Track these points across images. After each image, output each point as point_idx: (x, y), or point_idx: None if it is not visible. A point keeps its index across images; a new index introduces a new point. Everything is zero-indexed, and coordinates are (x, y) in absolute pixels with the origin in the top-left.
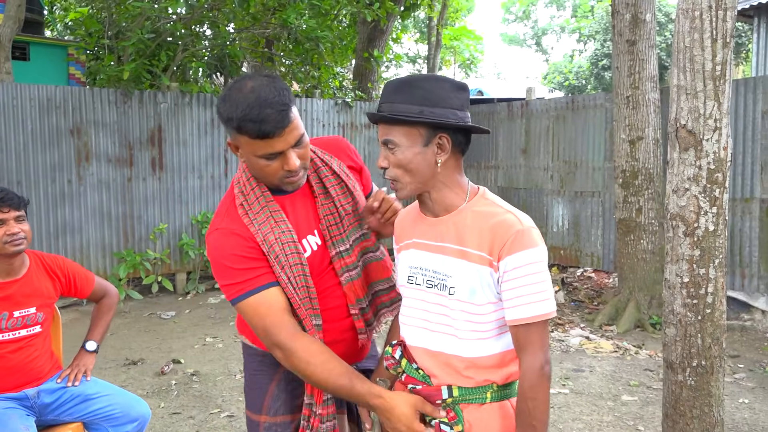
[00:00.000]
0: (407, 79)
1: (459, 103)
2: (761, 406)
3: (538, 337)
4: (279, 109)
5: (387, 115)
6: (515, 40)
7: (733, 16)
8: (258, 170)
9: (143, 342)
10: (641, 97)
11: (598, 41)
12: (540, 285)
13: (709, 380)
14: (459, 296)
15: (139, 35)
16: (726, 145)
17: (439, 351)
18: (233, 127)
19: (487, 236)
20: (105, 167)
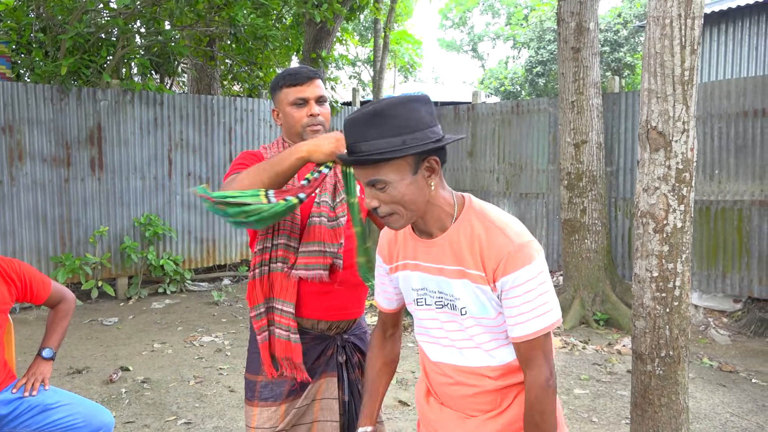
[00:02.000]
0: (375, 110)
1: (430, 118)
2: (701, 395)
3: (542, 350)
4: (309, 69)
5: (375, 157)
6: (452, 45)
7: (700, 25)
8: (289, 120)
9: (86, 350)
10: (585, 102)
11: (532, 48)
12: (541, 298)
13: (676, 369)
14: (472, 314)
15: (77, 29)
16: (693, 146)
17: (468, 365)
18: (278, 86)
19: (480, 256)
20: (40, 167)
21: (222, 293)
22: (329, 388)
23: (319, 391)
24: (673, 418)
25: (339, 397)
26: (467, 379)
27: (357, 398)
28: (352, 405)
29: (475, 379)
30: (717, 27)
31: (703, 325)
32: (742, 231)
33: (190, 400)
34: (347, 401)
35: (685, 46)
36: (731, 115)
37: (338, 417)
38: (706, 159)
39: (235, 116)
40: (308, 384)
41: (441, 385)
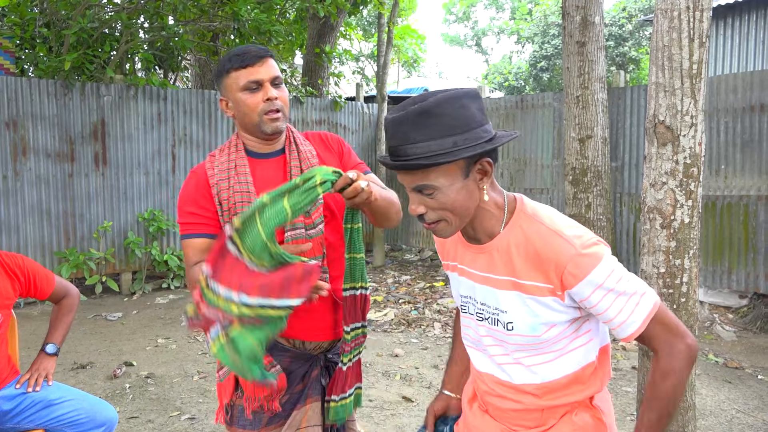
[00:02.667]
0: (421, 108)
1: (481, 116)
2: (707, 391)
3: (661, 332)
4: (258, 47)
5: (423, 162)
6: (456, 40)
7: (709, 17)
8: (242, 108)
9: (90, 345)
10: (590, 97)
11: (536, 43)
12: (626, 291)
13: None
14: (519, 331)
15: (81, 24)
16: (701, 141)
17: (509, 381)
18: (224, 71)
19: (540, 265)
20: (44, 162)
21: None
22: (314, 415)
23: (304, 419)
24: (679, 415)
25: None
26: (509, 394)
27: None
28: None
29: (517, 395)
30: (723, 20)
31: (708, 321)
32: (748, 226)
33: (194, 396)
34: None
35: (694, 39)
36: (738, 110)
37: None
38: (713, 154)
39: None
40: (293, 408)
41: (485, 394)
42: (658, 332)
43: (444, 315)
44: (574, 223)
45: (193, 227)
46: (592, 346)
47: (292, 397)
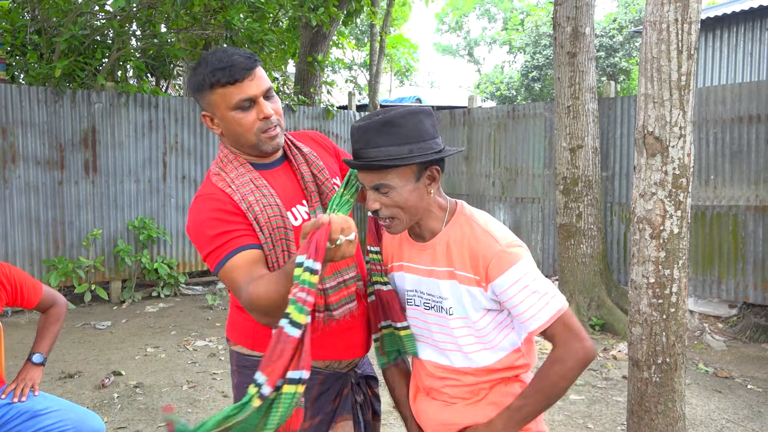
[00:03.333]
0: (385, 119)
1: (434, 130)
2: (697, 401)
3: (562, 330)
4: (245, 55)
5: (384, 163)
6: (448, 50)
7: (697, 30)
8: (235, 128)
9: (78, 354)
10: (581, 107)
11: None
12: (539, 290)
13: (672, 377)
14: (458, 314)
15: (72, 31)
16: (689, 151)
17: (449, 365)
18: (207, 85)
19: (469, 258)
20: (33, 170)
21: (216, 297)
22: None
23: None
24: (669, 425)
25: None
26: (449, 375)
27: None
28: None
29: (456, 376)
30: (712, 33)
31: (698, 331)
32: (737, 236)
33: (183, 405)
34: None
35: (682, 51)
36: (726, 121)
37: None
38: (702, 164)
39: None
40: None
41: (427, 379)
42: (560, 331)
43: None
44: (504, 227)
45: (234, 243)
46: (518, 336)
47: (325, 417)
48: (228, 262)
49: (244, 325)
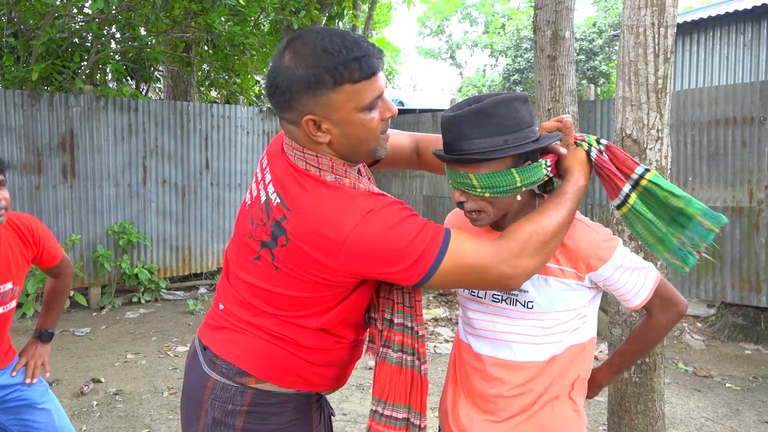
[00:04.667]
0: (478, 108)
1: (530, 117)
2: (677, 400)
3: (660, 299)
4: (367, 40)
5: (476, 157)
6: (430, 53)
7: (673, 34)
8: (360, 133)
9: (57, 361)
10: (561, 110)
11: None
12: (637, 268)
13: (652, 377)
14: (538, 308)
15: (50, 34)
16: (667, 153)
17: (510, 359)
18: (330, 82)
19: (566, 251)
20: (10, 174)
21: (198, 302)
22: None
23: None
24: (649, 425)
25: None
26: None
27: None
28: None
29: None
30: (689, 37)
31: (678, 330)
32: (715, 237)
33: (163, 412)
34: None
35: (659, 55)
36: (703, 124)
37: None
38: (680, 166)
39: (211, 123)
40: None
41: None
42: (658, 301)
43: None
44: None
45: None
46: (588, 331)
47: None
48: (448, 252)
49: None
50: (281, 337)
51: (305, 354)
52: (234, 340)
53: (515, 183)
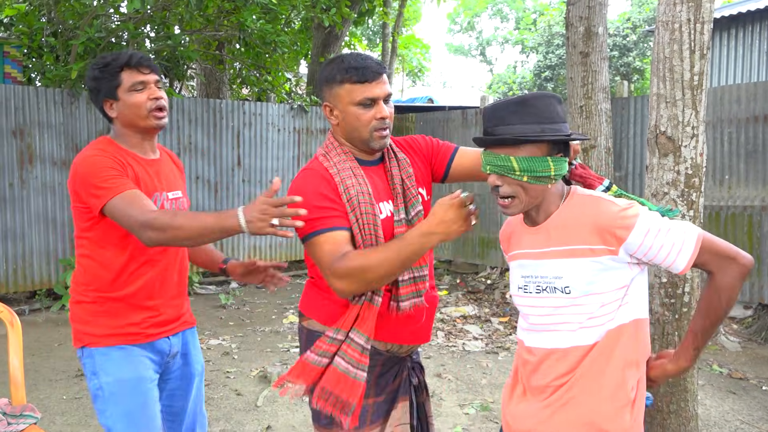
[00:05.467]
0: (519, 99)
1: (564, 115)
2: (711, 402)
3: (711, 256)
4: (377, 62)
5: (514, 137)
6: (460, 50)
7: (710, 29)
8: (353, 121)
9: None
10: (594, 107)
11: (541, 53)
12: (671, 228)
13: (685, 377)
14: (576, 292)
15: (88, 33)
16: (702, 151)
17: (557, 347)
18: (338, 80)
19: (594, 230)
20: (50, 170)
21: (230, 296)
22: (405, 414)
23: (400, 417)
24: (682, 425)
25: (410, 422)
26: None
27: (424, 423)
28: (419, 430)
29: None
30: (727, 32)
31: None
32: (752, 237)
33: None
34: (415, 425)
35: (695, 51)
36: (741, 120)
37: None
38: (716, 164)
39: (243, 120)
40: (391, 408)
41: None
42: (710, 258)
43: (447, 324)
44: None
45: (330, 221)
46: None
47: (388, 396)
48: (320, 236)
49: (321, 302)
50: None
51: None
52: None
53: (549, 171)
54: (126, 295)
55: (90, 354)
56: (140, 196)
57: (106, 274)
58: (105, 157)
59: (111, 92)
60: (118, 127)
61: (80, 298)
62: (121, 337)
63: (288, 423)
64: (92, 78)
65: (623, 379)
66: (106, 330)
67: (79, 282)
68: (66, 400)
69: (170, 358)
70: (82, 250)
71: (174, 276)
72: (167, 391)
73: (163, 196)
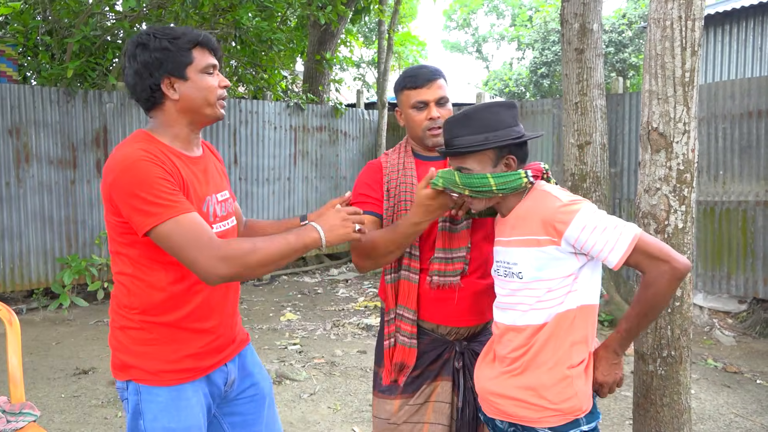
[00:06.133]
0: (465, 112)
1: (512, 120)
2: (706, 395)
3: (643, 256)
4: (431, 70)
5: (462, 150)
6: (456, 47)
7: (701, 26)
8: (410, 121)
9: (92, 351)
10: (589, 103)
11: (537, 50)
12: (608, 227)
13: (678, 369)
14: (527, 278)
15: (84, 32)
16: (694, 147)
17: (512, 323)
18: (398, 88)
19: (540, 222)
20: (46, 169)
21: None
22: (444, 392)
23: (434, 393)
24: (675, 417)
25: (453, 402)
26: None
27: (471, 406)
28: (465, 412)
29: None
30: (721, 27)
31: (708, 326)
32: (746, 232)
33: None
34: (461, 408)
35: (686, 48)
36: (735, 116)
37: (448, 421)
38: (711, 160)
39: (239, 118)
40: (424, 383)
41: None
42: (642, 258)
43: None
44: (566, 191)
45: (364, 205)
46: (575, 299)
47: (424, 373)
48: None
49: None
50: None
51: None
52: None
53: (490, 186)
54: (178, 318)
55: (136, 391)
56: (200, 223)
57: (154, 295)
58: (154, 163)
59: (179, 69)
60: (168, 115)
61: (124, 323)
62: (174, 374)
63: (286, 420)
64: (157, 48)
65: (569, 356)
66: (158, 365)
67: (121, 304)
68: (64, 398)
69: (228, 387)
70: (121, 268)
71: (230, 290)
72: (239, 417)
73: (213, 200)
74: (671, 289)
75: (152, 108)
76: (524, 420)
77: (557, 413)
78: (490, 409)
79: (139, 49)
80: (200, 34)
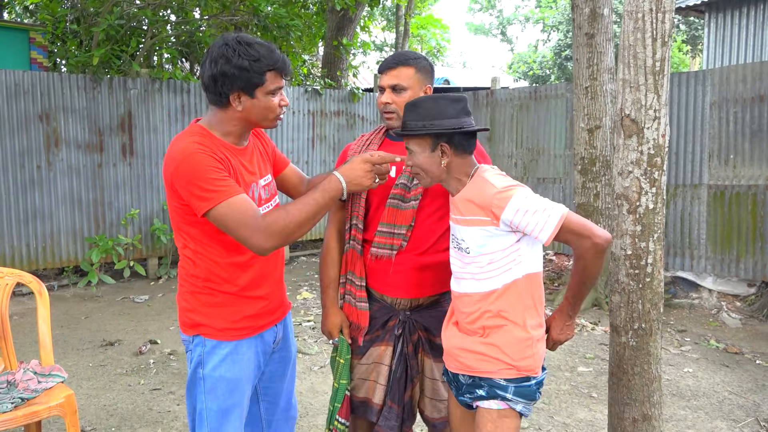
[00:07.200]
0: (414, 101)
1: (455, 112)
2: (703, 374)
3: (570, 233)
4: (396, 58)
5: (405, 133)
6: (481, 29)
7: (671, 19)
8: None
9: (118, 324)
10: (599, 88)
11: (562, 32)
12: (537, 209)
13: (648, 341)
14: (473, 253)
15: (109, 20)
16: (664, 132)
17: (464, 292)
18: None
19: (481, 205)
20: (75, 153)
21: None
22: (386, 355)
23: (380, 356)
24: (645, 386)
25: (390, 365)
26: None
27: (402, 370)
28: (396, 374)
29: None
30: (738, 10)
31: (715, 309)
32: (756, 215)
33: None
34: (393, 370)
35: (657, 39)
36: (747, 100)
37: (385, 382)
38: (722, 144)
39: None
40: (371, 346)
41: (455, 308)
42: (569, 236)
43: None
44: (504, 177)
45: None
46: (521, 269)
47: (372, 337)
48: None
49: None
50: None
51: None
52: None
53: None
54: (239, 288)
55: (202, 343)
56: (247, 204)
57: (216, 268)
58: (208, 155)
59: (250, 89)
60: (227, 117)
61: (194, 289)
62: (236, 332)
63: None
64: (237, 67)
65: (523, 318)
66: (223, 323)
67: (189, 274)
68: (92, 367)
69: (275, 345)
70: (185, 243)
71: (277, 260)
72: (267, 374)
73: (259, 186)
74: (598, 260)
75: (216, 105)
76: (484, 372)
77: (513, 368)
78: (454, 364)
79: (221, 60)
80: (278, 59)
